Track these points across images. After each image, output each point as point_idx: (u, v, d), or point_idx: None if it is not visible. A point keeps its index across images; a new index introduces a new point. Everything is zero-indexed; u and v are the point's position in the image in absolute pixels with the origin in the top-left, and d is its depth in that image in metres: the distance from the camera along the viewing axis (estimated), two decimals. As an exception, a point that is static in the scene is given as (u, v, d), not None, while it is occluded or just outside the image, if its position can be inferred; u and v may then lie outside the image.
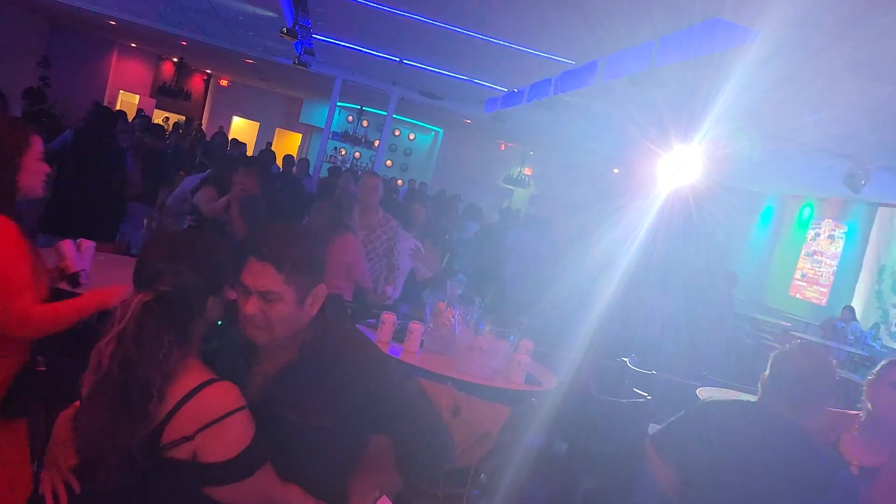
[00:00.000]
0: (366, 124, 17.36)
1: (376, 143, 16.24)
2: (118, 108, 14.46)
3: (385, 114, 13.73)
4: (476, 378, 3.38)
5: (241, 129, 18.85)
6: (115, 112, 7.32)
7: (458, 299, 3.96)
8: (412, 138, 18.47)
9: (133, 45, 16.99)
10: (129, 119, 10.28)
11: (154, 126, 8.62)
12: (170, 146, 10.01)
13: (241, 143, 11.83)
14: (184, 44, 14.04)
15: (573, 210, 10.27)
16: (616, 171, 15.59)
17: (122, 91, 17.34)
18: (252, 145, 16.28)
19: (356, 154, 17.38)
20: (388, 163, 17.35)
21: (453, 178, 15.99)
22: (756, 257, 14.38)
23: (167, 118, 17.62)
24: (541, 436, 3.39)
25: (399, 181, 16.38)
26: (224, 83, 19.41)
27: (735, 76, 4.97)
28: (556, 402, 3.39)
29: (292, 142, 19.45)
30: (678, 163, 7.12)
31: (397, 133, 17.94)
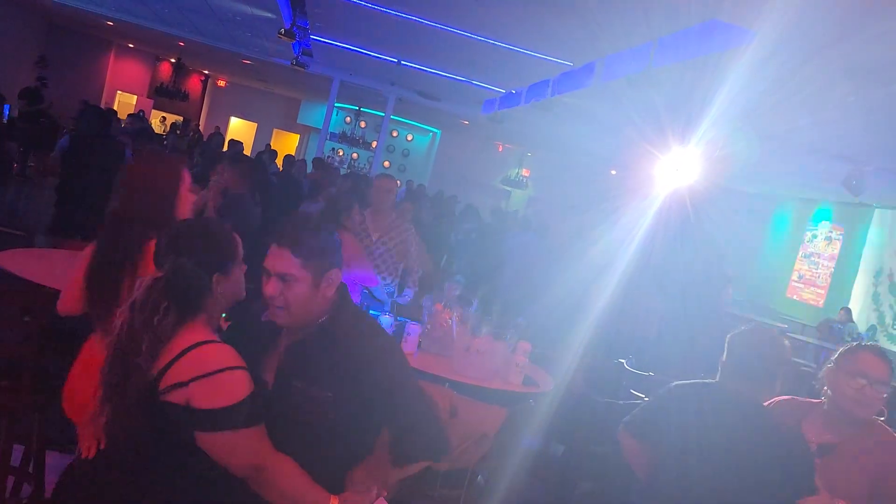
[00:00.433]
0: (363, 125, 17.34)
1: (374, 144, 16.23)
2: (115, 108, 14.46)
3: (383, 115, 13.74)
4: (473, 380, 3.38)
5: (239, 129, 18.83)
6: (107, 111, 7.31)
7: (456, 300, 3.95)
8: (410, 139, 18.46)
9: (130, 45, 16.97)
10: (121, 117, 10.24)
11: (143, 130, 8.57)
12: (167, 146, 10.00)
13: (238, 143, 11.79)
14: (181, 44, 14.02)
15: (571, 211, 10.26)
16: (613, 172, 15.59)
17: (119, 91, 17.33)
18: (249, 146, 16.27)
19: (354, 155, 17.36)
20: (386, 164, 17.33)
21: (451, 180, 15.97)
22: (753, 258, 14.38)
23: (164, 118, 17.61)
24: (538, 438, 3.38)
25: (397, 182, 16.35)
26: (222, 84, 19.38)
27: (732, 77, 4.97)
28: (554, 403, 3.40)
29: (290, 143, 19.44)
30: (676, 164, 7.11)
31: (395, 134, 17.93)
